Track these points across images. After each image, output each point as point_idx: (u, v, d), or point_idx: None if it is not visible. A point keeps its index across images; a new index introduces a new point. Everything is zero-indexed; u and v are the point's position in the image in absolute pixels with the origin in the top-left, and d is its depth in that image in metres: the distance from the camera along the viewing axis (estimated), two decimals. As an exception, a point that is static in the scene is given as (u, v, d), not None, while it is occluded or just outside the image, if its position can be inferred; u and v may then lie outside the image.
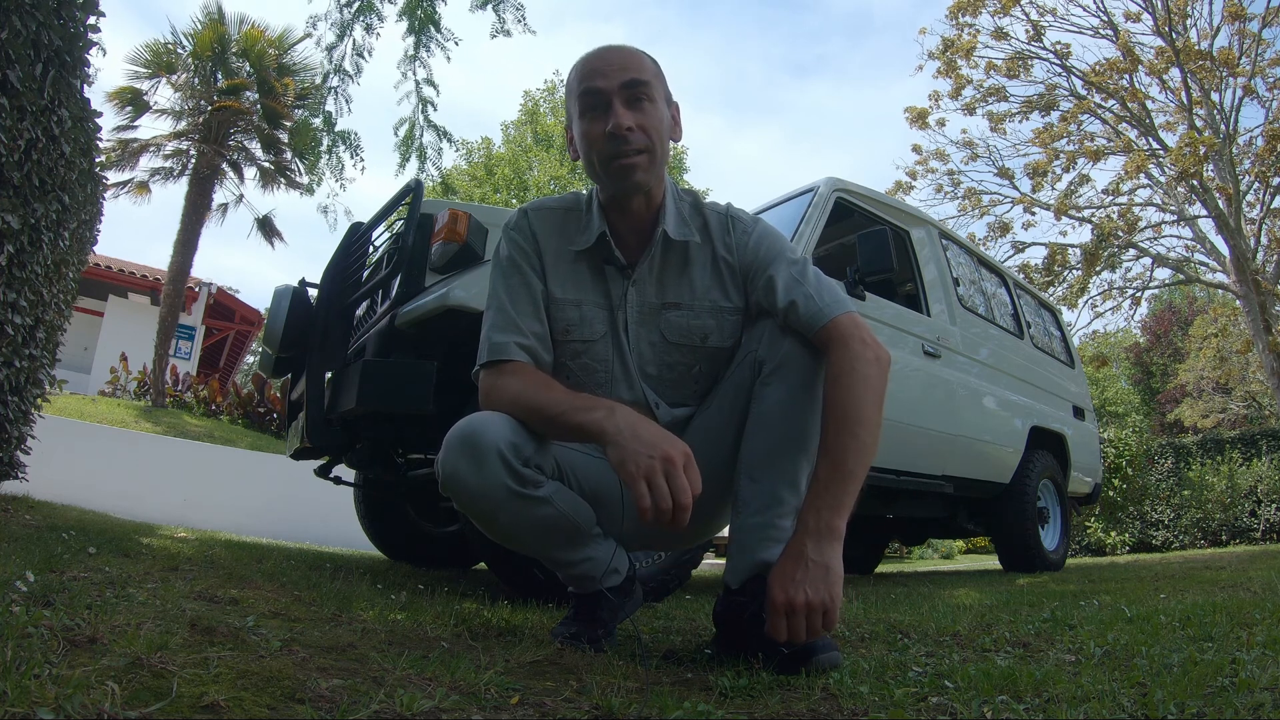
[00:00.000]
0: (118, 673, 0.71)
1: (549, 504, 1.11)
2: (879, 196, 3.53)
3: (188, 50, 9.70)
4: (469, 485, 1.07)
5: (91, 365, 11.44)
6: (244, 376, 16.97)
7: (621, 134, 1.14)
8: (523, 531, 1.14)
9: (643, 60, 1.20)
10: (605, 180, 1.20)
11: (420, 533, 3.10)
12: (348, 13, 5.97)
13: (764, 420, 1.14)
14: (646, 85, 1.17)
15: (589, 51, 1.22)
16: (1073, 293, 12.95)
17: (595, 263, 1.25)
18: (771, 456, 1.12)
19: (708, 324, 1.24)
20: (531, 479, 1.09)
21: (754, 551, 1.10)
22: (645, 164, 1.17)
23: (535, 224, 1.26)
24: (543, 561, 1.23)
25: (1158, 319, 22.48)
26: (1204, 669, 0.94)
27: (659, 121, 1.18)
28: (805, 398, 1.13)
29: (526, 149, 19.25)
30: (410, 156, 6.49)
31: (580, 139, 1.19)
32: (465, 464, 1.06)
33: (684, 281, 1.25)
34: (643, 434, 1.01)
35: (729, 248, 1.26)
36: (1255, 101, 12.01)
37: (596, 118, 1.16)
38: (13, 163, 2.05)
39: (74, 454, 4.89)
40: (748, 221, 1.28)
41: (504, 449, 1.06)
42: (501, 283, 1.24)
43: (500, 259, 1.26)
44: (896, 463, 3.17)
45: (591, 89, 1.16)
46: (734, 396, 1.20)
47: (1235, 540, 8.87)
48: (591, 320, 1.24)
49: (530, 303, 1.22)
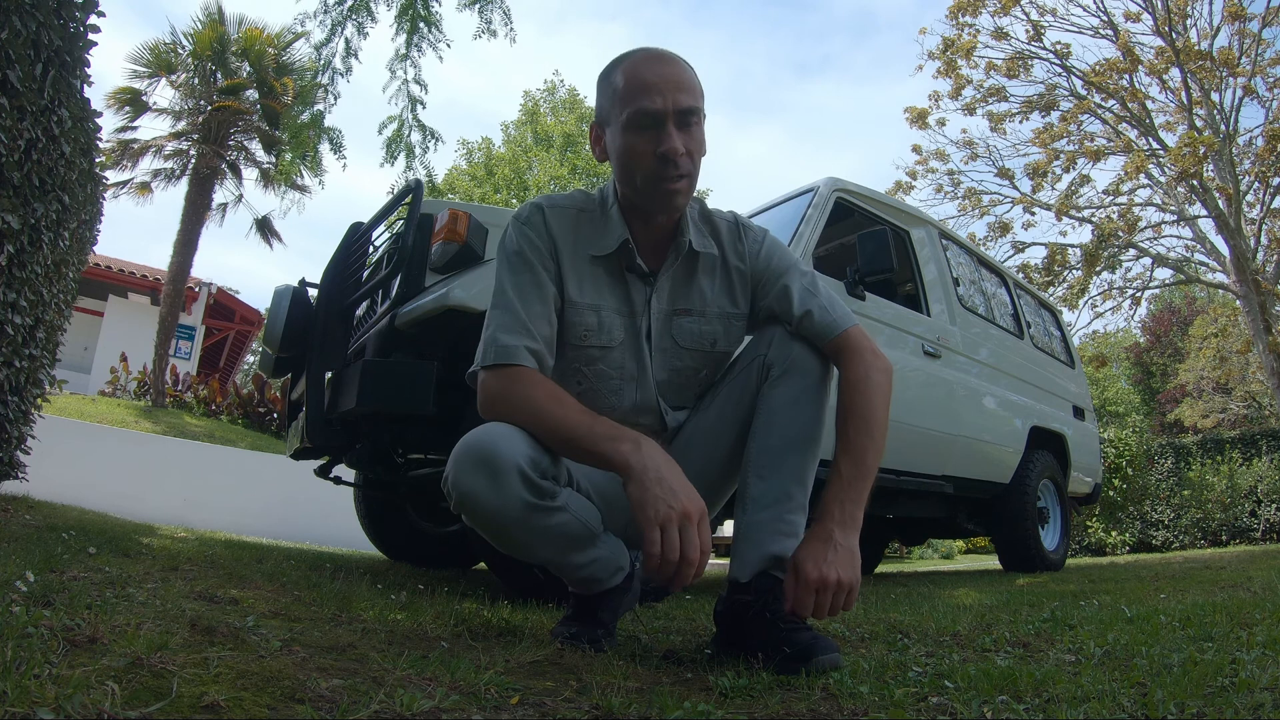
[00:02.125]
0: (118, 673, 0.71)
1: (565, 511, 1.10)
2: (879, 196, 3.53)
3: (188, 50, 9.70)
4: (486, 505, 1.03)
5: (91, 365, 11.44)
6: (244, 376, 16.98)
7: (674, 159, 1.12)
8: (536, 543, 1.11)
9: (695, 81, 1.17)
10: (645, 198, 1.17)
11: (420, 533, 3.10)
12: (338, 12, 5.96)
13: (773, 420, 1.16)
14: (698, 111, 1.15)
15: (639, 55, 1.17)
16: (1073, 293, 12.94)
17: (615, 269, 1.23)
18: (781, 454, 1.15)
19: (717, 330, 1.27)
20: (549, 490, 1.07)
21: (765, 545, 1.11)
22: (687, 189, 1.17)
23: (551, 221, 1.22)
24: (550, 569, 1.21)
25: (1158, 319, 22.48)
26: (1204, 669, 0.94)
27: (701, 144, 1.17)
28: (814, 399, 1.17)
29: (526, 149, 19.25)
30: (397, 155, 6.48)
31: (624, 152, 1.15)
32: (483, 484, 1.02)
33: (694, 289, 1.26)
34: (667, 479, 0.99)
35: (740, 255, 1.28)
36: (1255, 101, 12.03)
37: (646, 135, 1.12)
38: (13, 163, 2.05)
39: (74, 454, 4.89)
40: (757, 231, 1.31)
41: (524, 465, 1.02)
42: (511, 279, 1.18)
43: (509, 252, 1.20)
44: (896, 463, 3.17)
45: (648, 110, 1.11)
46: (738, 399, 1.22)
47: (1235, 540, 8.88)
48: (610, 327, 1.22)
49: (541, 303, 1.17)
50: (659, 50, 1.18)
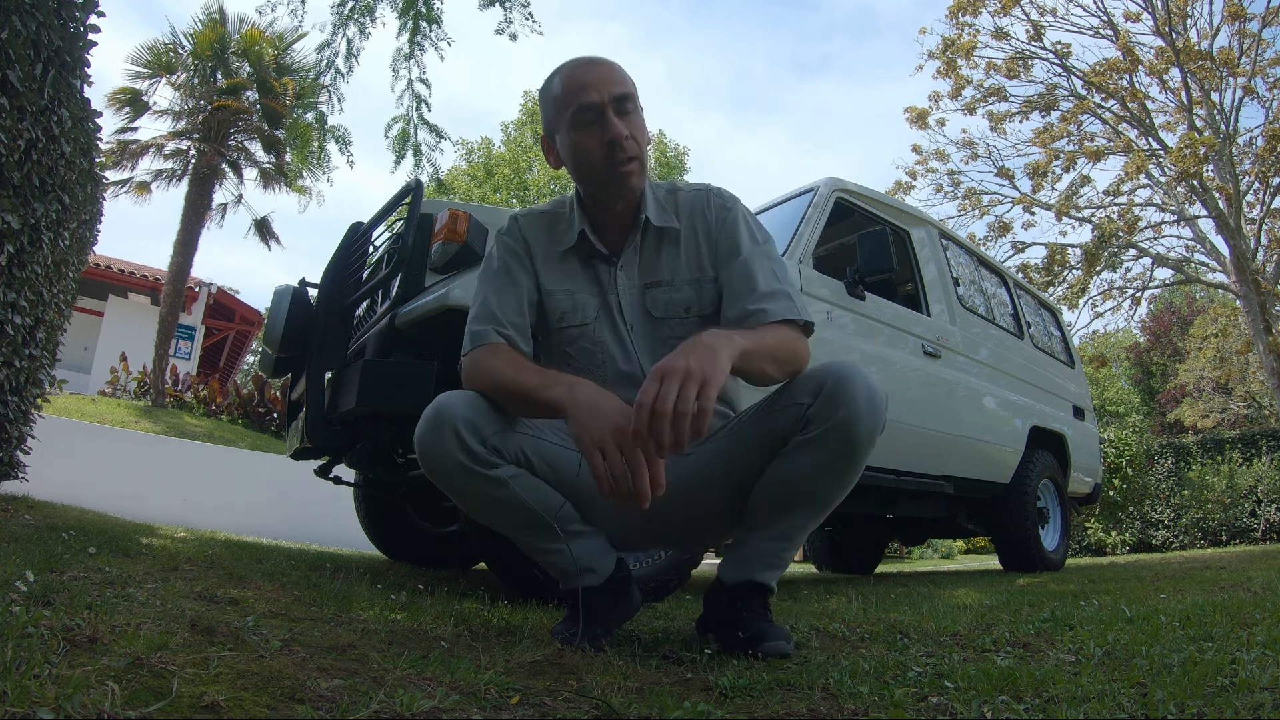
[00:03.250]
0: (118, 673, 0.71)
1: (505, 487, 1.15)
2: (879, 196, 3.53)
3: (188, 50, 9.70)
4: (428, 455, 1.13)
5: (91, 365, 11.43)
6: (244, 376, 16.98)
7: (620, 143, 1.21)
8: (486, 510, 1.20)
9: (624, 73, 1.26)
10: (602, 187, 1.27)
11: (420, 532, 3.10)
12: (340, 12, 5.95)
13: (801, 477, 1.15)
14: (632, 97, 1.24)
15: (570, 64, 1.27)
16: (1073, 293, 12.94)
17: (582, 257, 1.33)
18: (795, 505, 1.18)
19: (689, 296, 1.31)
20: (484, 458, 1.13)
21: (753, 571, 1.21)
22: (638, 170, 1.25)
23: (525, 228, 1.35)
24: (516, 544, 1.28)
25: (1158, 319, 22.47)
26: (1204, 669, 0.94)
27: (643, 129, 1.27)
28: (845, 471, 1.14)
29: (526, 149, 19.25)
30: (405, 154, 6.47)
31: (572, 149, 1.25)
32: (427, 435, 1.12)
33: (662, 262, 1.32)
34: (600, 406, 1.03)
35: (704, 220, 1.33)
36: (1255, 101, 12.03)
37: (591, 130, 1.22)
38: (13, 163, 2.05)
39: (74, 454, 4.89)
40: (727, 199, 1.36)
41: (460, 425, 1.11)
42: (487, 283, 1.31)
43: (489, 262, 1.34)
44: (896, 463, 3.17)
45: (586, 104, 1.21)
46: (769, 436, 1.18)
47: (1235, 540, 8.88)
48: (583, 306, 1.31)
49: (514, 298, 1.28)
50: (588, 56, 1.28)
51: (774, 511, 1.19)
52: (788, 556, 1.23)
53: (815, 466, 1.13)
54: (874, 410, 1.11)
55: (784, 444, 1.15)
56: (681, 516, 1.27)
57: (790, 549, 1.23)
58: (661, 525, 1.29)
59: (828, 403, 1.11)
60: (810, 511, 1.19)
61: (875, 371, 3.07)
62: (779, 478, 1.16)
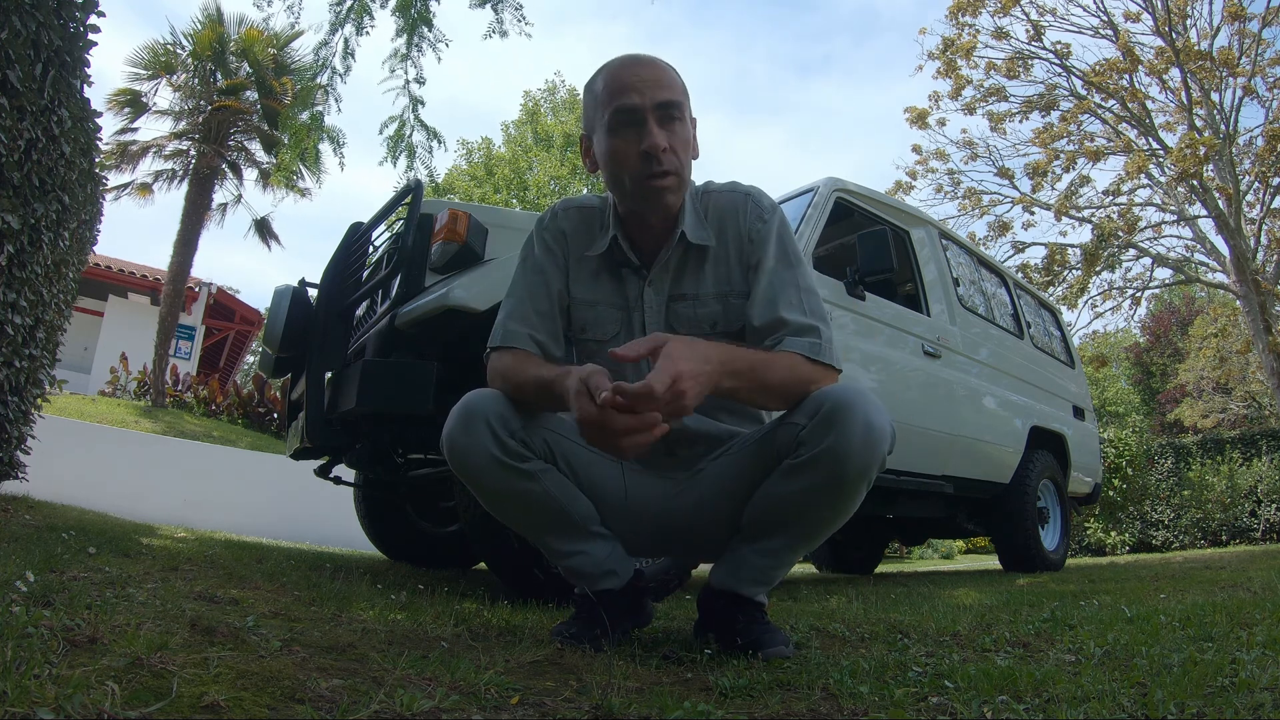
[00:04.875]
0: (118, 673, 0.71)
1: (534, 480, 1.15)
2: (879, 196, 3.53)
3: (187, 51, 9.71)
4: (458, 448, 1.14)
5: (91, 365, 11.43)
6: (244, 376, 16.97)
7: (657, 154, 1.14)
8: (511, 505, 1.19)
9: (674, 77, 1.19)
10: (634, 199, 1.20)
11: (420, 533, 3.10)
12: (338, 11, 5.94)
13: (779, 502, 1.12)
14: (679, 105, 1.17)
15: (617, 61, 1.20)
16: (1073, 293, 12.94)
17: (612, 266, 1.29)
18: (779, 528, 1.16)
19: (714, 310, 1.25)
20: (516, 451, 1.14)
21: (740, 584, 1.19)
22: (675, 185, 1.18)
23: (564, 223, 1.31)
24: (537, 547, 1.26)
25: (1157, 319, 22.46)
26: (1204, 669, 0.94)
27: (687, 142, 1.19)
28: (826, 499, 1.10)
29: (527, 149, 19.26)
30: (399, 155, 6.44)
31: (609, 155, 1.18)
32: (459, 429, 1.13)
33: (691, 275, 1.26)
34: (581, 372, 1.03)
35: (742, 233, 1.25)
36: (1255, 101, 12.01)
37: (629, 136, 1.15)
38: (13, 163, 2.05)
39: (74, 454, 4.89)
40: (766, 208, 1.26)
41: (491, 419, 1.13)
42: (523, 277, 1.29)
43: (528, 252, 1.31)
44: (896, 463, 3.16)
45: (626, 106, 1.14)
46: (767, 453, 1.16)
47: (1235, 540, 8.88)
48: (604, 321, 1.28)
49: (547, 301, 1.27)
50: (638, 54, 1.21)
51: (761, 528, 1.17)
52: (776, 575, 1.20)
53: (802, 490, 1.09)
54: (870, 444, 1.04)
55: (778, 463, 1.12)
56: (689, 525, 1.26)
57: (778, 568, 1.19)
58: (670, 533, 1.28)
59: (820, 427, 1.06)
60: (798, 534, 1.15)
61: (875, 371, 3.08)
62: (767, 496, 1.13)
